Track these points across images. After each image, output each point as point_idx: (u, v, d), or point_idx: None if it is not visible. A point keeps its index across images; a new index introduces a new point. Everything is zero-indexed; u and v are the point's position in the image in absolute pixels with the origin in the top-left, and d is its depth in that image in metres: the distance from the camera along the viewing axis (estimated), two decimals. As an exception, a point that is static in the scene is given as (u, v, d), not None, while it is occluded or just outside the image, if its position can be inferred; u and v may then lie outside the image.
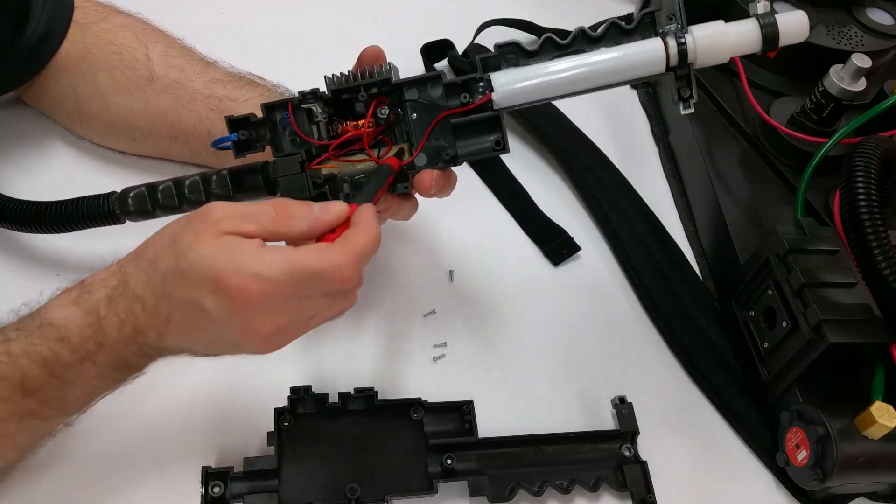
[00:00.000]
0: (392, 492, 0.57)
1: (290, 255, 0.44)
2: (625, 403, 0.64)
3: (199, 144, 0.65)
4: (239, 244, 0.44)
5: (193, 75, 0.66)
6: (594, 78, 0.52)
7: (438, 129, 0.54)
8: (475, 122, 0.53)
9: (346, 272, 0.45)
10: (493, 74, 0.53)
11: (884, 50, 0.81)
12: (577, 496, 0.61)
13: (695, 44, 0.51)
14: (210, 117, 0.64)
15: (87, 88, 0.66)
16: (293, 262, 0.44)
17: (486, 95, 0.52)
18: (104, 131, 0.70)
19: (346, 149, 0.55)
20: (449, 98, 0.54)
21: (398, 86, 0.53)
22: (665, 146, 0.87)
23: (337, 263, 0.44)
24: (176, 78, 0.66)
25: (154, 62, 0.66)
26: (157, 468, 0.57)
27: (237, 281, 0.43)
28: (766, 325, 0.65)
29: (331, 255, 0.45)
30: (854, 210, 0.60)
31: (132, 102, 0.66)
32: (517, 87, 0.52)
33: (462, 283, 0.72)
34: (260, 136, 0.55)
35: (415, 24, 0.93)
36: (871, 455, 0.57)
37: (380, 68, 0.53)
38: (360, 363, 0.65)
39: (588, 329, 0.71)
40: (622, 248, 0.76)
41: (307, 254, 0.44)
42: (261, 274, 0.43)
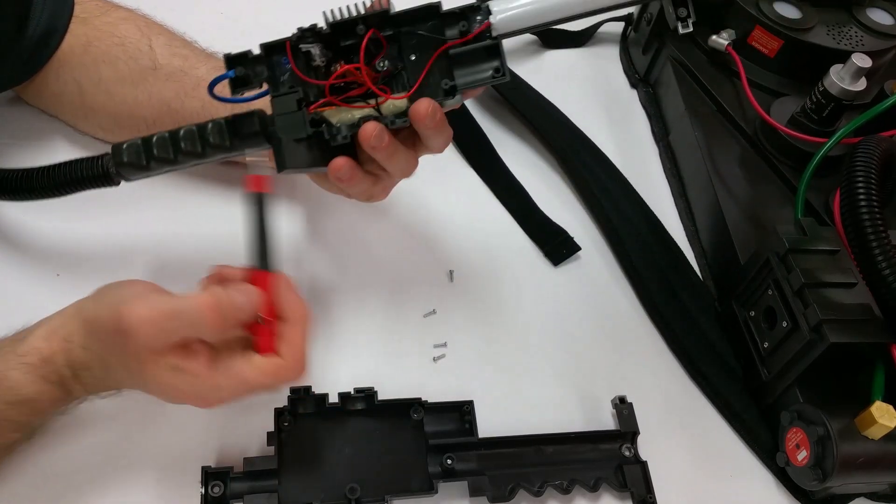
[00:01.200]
0: (392, 492, 0.57)
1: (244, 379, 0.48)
2: (625, 403, 0.64)
3: None
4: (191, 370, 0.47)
5: (197, 63, 0.66)
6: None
7: (437, 67, 0.52)
8: (474, 51, 0.52)
9: (296, 376, 0.49)
10: (491, 2, 0.51)
11: (884, 50, 0.81)
12: (577, 496, 0.61)
13: None
14: (214, 103, 0.63)
15: (91, 81, 0.66)
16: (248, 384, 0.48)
17: (485, 23, 0.51)
18: (109, 124, 0.70)
19: (345, 94, 0.53)
20: (447, 30, 0.52)
21: (395, 18, 0.52)
22: (665, 146, 0.87)
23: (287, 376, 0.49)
24: (179, 66, 0.66)
25: (157, 52, 0.66)
26: (157, 468, 0.57)
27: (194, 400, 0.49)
28: (767, 325, 0.65)
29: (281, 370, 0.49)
30: (854, 210, 0.60)
31: (136, 93, 0.66)
32: (515, 11, 0.51)
33: (462, 283, 0.72)
34: (257, 73, 0.53)
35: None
36: (871, 455, 0.57)
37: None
38: (360, 363, 0.65)
39: (588, 329, 0.71)
40: (622, 248, 0.76)
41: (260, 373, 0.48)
42: (217, 398, 0.49)
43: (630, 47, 0.96)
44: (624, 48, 0.97)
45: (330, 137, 0.52)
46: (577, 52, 0.97)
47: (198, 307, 0.46)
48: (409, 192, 0.73)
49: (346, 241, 0.72)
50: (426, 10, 0.52)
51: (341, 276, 0.69)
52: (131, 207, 0.68)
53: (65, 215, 0.66)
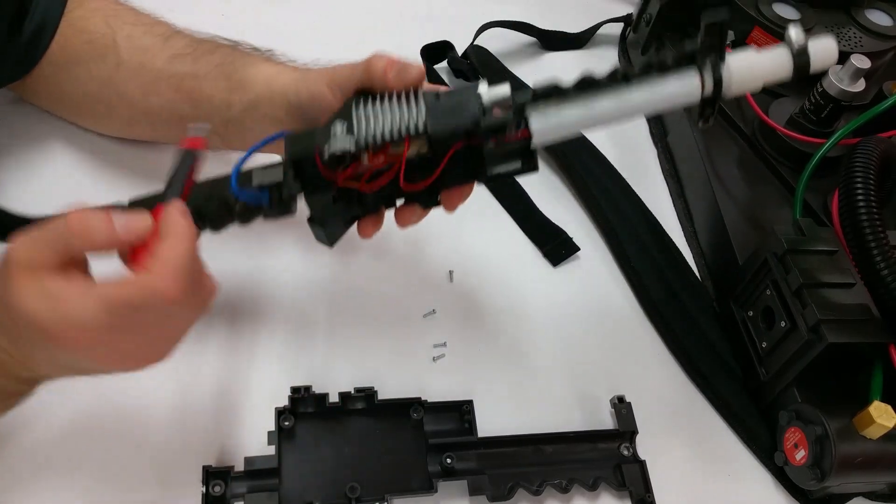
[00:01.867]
0: (392, 491, 0.57)
1: (103, 294, 0.42)
2: (623, 403, 0.64)
3: (178, 129, 0.61)
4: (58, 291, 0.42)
5: (156, 55, 0.63)
6: (630, 113, 0.51)
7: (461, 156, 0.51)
8: (508, 151, 0.52)
9: (168, 292, 0.43)
10: (532, 118, 0.50)
11: (882, 51, 0.81)
12: (577, 495, 0.61)
13: (730, 77, 0.49)
14: (176, 99, 0.61)
15: (70, 80, 0.65)
16: (111, 301, 0.42)
17: (524, 132, 0.50)
18: (95, 122, 0.70)
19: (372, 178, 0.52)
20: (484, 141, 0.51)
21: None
22: (663, 147, 0.87)
23: (155, 287, 0.43)
24: (140, 61, 0.63)
25: (121, 47, 0.63)
26: (157, 467, 0.57)
27: (63, 332, 0.42)
28: (765, 326, 0.66)
29: (147, 282, 0.43)
30: (852, 211, 0.60)
31: (108, 93, 0.65)
32: (554, 128, 0.50)
33: (462, 283, 0.72)
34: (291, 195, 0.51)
35: (414, 25, 0.93)
36: (869, 455, 0.57)
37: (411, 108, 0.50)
38: (360, 363, 0.65)
39: (587, 329, 0.71)
40: (621, 248, 0.76)
41: (121, 288, 0.42)
42: (84, 322, 0.42)
43: (629, 49, 0.97)
44: (623, 50, 0.98)
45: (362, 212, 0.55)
46: (576, 54, 0.97)
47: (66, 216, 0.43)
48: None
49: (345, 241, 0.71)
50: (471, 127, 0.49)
51: (341, 276, 0.69)
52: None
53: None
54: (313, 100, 0.55)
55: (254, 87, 0.59)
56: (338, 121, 0.50)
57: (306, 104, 0.56)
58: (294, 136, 0.51)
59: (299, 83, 0.57)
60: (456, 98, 0.50)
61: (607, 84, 0.49)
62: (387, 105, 0.50)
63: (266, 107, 0.58)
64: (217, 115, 0.61)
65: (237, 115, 0.60)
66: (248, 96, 0.59)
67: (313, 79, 0.56)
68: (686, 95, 0.50)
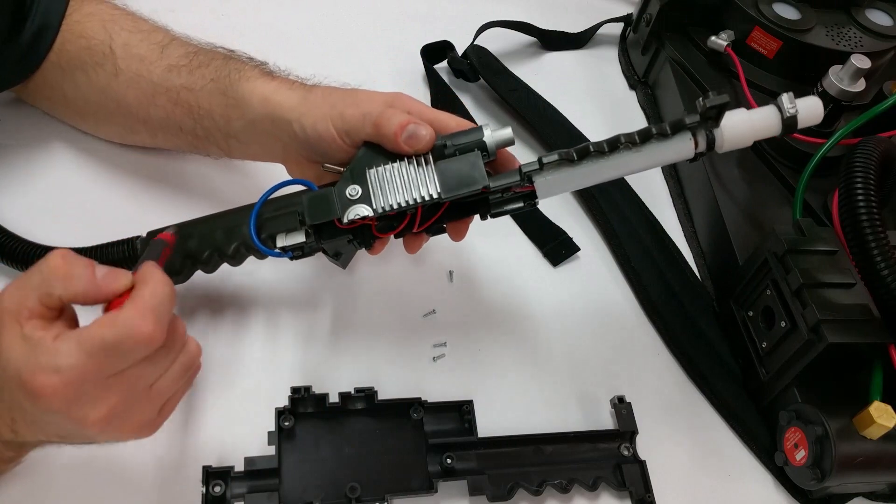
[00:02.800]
0: (392, 491, 0.57)
1: (80, 336, 0.41)
2: (623, 403, 0.64)
3: (179, 139, 0.64)
4: (37, 337, 0.41)
5: (152, 65, 0.63)
6: (627, 173, 0.56)
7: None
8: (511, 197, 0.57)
9: (144, 329, 0.42)
10: (536, 180, 0.54)
11: (883, 51, 0.81)
12: (577, 495, 0.61)
13: (722, 138, 0.54)
14: (176, 112, 0.62)
15: (70, 87, 0.65)
16: (85, 341, 0.41)
17: (529, 187, 0.55)
18: (97, 127, 0.70)
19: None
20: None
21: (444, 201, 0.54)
22: (664, 147, 0.87)
23: (129, 325, 0.42)
24: (137, 71, 0.63)
25: (117, 55, 0.63)
26: (158, 467, 0.57)
27: (40, 381, 0.41)
28: (765, 326, 0.66)
29: (121, 319, 0.42)
30: (853, 211, 0.60)
31: (107, 100, 0.64)
32: (557, 187, 0.55)
33: (462, 283, 0.72)
34: (313, 249, 0.56)
35: (414, 25, 0.93)
36: (869, 455, 0.57)
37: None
38: (359, 363, 0.65)
39: (587, 329, 0.71)
40: (621, 248, 0.76)
41: (97, 328, 0.42)
42: (58, 366, 0.41)
43: (629, 48, 0.97)
44: (623, 49, 0.98)
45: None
46: (576, 54, 0.97)
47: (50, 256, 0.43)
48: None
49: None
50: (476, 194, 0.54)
51: (341, 276, 0.69)
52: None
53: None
54: (319, 138, 0.56)
55: (250, 106, 0.59)
56: (352, 184, 0.54)
57: (312, 139, 0.57)
58: (313, 199, 0.54)
59: (302, 116, 0.57)
60: (465, 159, 0.54)
61: (609, 152, 0.54)
62: (401, 169, 0.54)
63: (266, 125, 0.59)
64: (217, 130, 0.61)
65: (238, 131, 0.61)
66: (246, 116, 0.59)
67: (318, 116, 0.56)
68: (680, 156, 0.55)
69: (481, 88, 0.89)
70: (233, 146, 0.62)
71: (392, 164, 0.54)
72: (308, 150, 0.57)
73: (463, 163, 0.54)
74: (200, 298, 0.66)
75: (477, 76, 0.87)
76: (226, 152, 0.63)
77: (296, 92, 0.59)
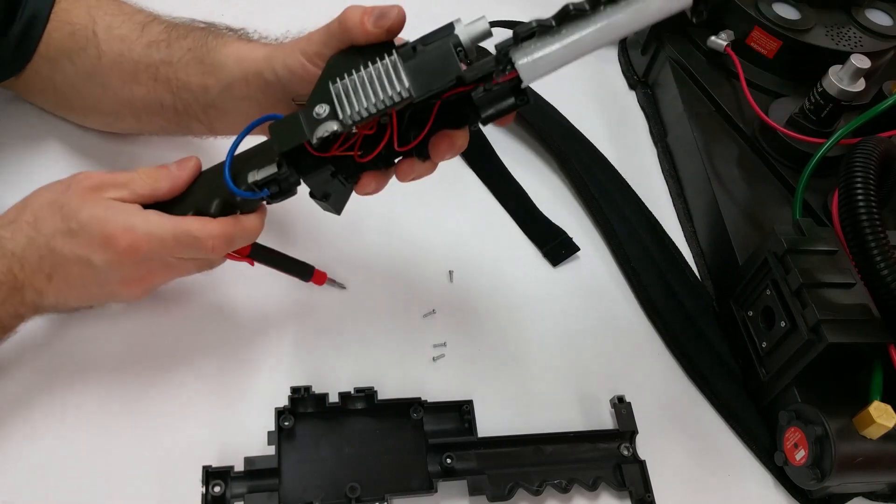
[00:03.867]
0: (392, 491, 0.57)
1: (175, 221, 0.51)
2: (623, 403, 0.64)
3: (161, 118, 0.64)
4: (124, 206, 0.51)
5: (133, 44, 0.62)
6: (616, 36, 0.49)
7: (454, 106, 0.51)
8: (498, 93, 0.51)
9: (217, 244, 0.52)
10: (517, 59, 0.48)
11: (882, 51, 0.82)
12: (576, 495, 0.61)
13: None
14: (157, 88, 0.61)
15: (59, 76, 0.65)
16: (179, 226, 0.51)
17: (512, 73, 0.48)
18: (84, 117, 0.70)
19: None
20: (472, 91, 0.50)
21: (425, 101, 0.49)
22: (663, 147, 0.87)
23: (213, 235, 0.52)
24: (119, 51, 0.62)
25: (100, 38, 0.62)
26: (157, 467, 0.57)
27: (129, 238, 0.50)
28: (765, 326, 0.66)
29: (211, 228, 0.52)
30: (852, 211, 0.60)
31: (93, 86, 0.64)
32: (541, 65, 0.49)
33: (462, 283, 0.72)
34: (290, 184, 0.53)
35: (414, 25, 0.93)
36: (869, 455, 0.57)
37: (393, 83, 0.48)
38: (359, 363, 0.65)
39: (587, 329, 0.71)
40: (621, 248, 0.76)
41: (191, 222, 0.52)
42: (151, 233, 0.51)
43: (629, 48, 0.97)
44: (622, 49, 0.97)
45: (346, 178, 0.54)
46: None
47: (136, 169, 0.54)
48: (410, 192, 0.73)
49: (345, 242, 0.72)
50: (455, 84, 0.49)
51: (341, 276, 0.69)
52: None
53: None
54: (291, 74, 0.54)
55: (226, 68, 0.58)
56: (319, 103, 0.49)
57: (284, 80, 0.55)
58: (278, 125, 0.50)
59: (273, 60, 0.56)
60: (434, 51, 0.49)
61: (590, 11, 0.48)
62: (363, 75, 0.49)
63: (242, 88, 0.58)
64: (196, 101, 0.61)
65: (215, 99, 0.60)
66: (222, 79, 0.59)
67: (287, 51, 0.55)
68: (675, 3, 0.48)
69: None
70: (212, 117, 0.61)
71: (356, 74, 0.49)
72: (283, 94, 0.56)
73: (433, 56, 0.48)
74: (200, 297, 0.66)
75: (477, 76, 0.87)
76: (207, 126, 0.63)
77: (269, 47, 0.59)
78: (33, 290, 0.53)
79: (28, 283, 0.52)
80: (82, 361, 0.60)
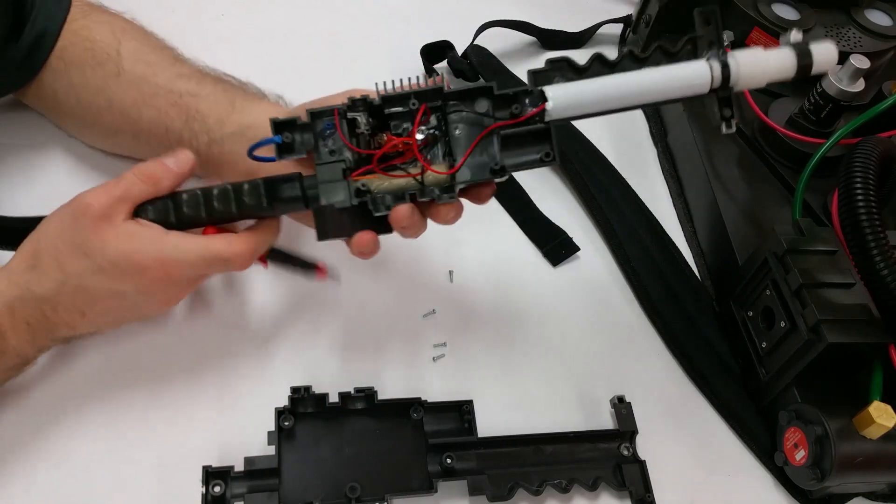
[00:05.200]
0: (392, 491, 0.57)
1: (203, 244, 0.52)
2: (623, 403, 0.64)
3: (157, 142, 0.63)
4: (148, 233, 0.51)
5: (160, 71, 0.64)
6: (643, 95, 0.51)
7: (483, 142, 0.52)
8: (524, 134, 0.51)
9: (245, 260, 0.53)
10: (546, 87, 0.51)
11: (882, 51, 0.82)
12: (576, 495, 0.61)
13: (738, 68, 0.51)
14: (170, 113, 0.62)
15: (63, 86, 0.65)
16: (207, 250, 0.52)
17: (540, 106, 0.50)
18: (79, 129, 0.70)
19: (388, 163, 0.52)
20: (496, 111, 0.51)
21: (447, 96, 0.51)
22: (663, 147, 0.87)
23: (240, 253, 0.53)
24: (142, 74, 0.63)
25: (123, 57, 0.64)
26: (157, 467, 0.57)
27: (161, 268, 0.51)
28: (765, 326, 0.66)
29: (237, 247, 0.53)
30: (852, 211, 0.60)
31: (99, 99, 0.64)
32: (569, 99, 0.51)
33: (462, 283, 0.72)
34: (304, 141, 0.52)
35: (414, 24, 0.93)
36: (869, 455, 0.57)
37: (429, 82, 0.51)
38: (360, 363, 0.65)
39: (587, 329, 0.71)
40: (621, 248, 0.76)
41: (217, 242, 0.52)
42: (181, 259, 0.52)
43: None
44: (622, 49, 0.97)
45: (373, 208, 0.52)
46: (575, 54, 0.96)
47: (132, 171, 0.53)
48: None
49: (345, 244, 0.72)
50: (480, 90, 0.51)
51: (341, 275, 0.69)
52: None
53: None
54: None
55: (251, 114, 0.60)
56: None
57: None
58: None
59: None
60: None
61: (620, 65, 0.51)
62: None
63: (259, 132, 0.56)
64: (205, 133, 0.61)
65: (225, 137, 0.60)
66: (244, 120, 0.60)
67: None
68: (695, 79, 0.51)
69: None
70: (214, 153, 0.61)
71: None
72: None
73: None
74: (200, 297, 0.66)
75: (477, 76, 0.87)
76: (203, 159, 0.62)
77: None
78: (66, 326, 0.54)
79: (61, 322, 0.53)
80: (82, 361, 0.60)
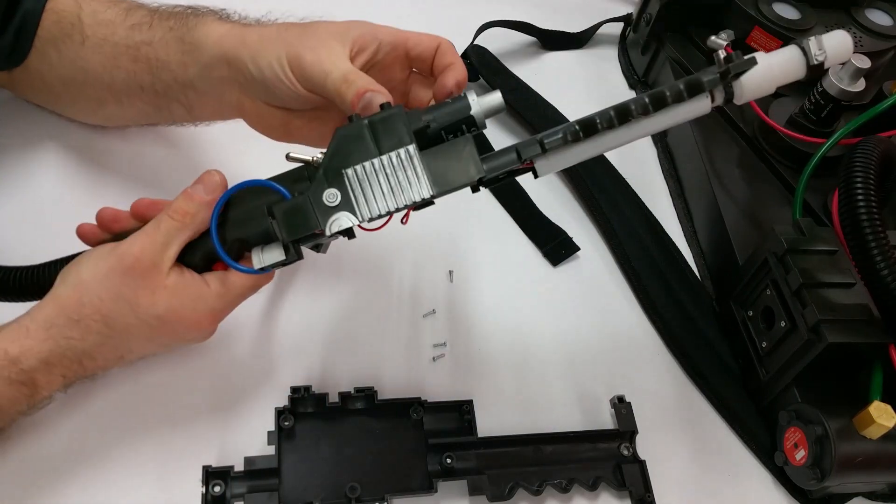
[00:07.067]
0: (392, 491, 0.57)
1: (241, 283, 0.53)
2: (623, 403, 0.64)
3: (142, 101, 0.63)
4: (194, 287, 0.52)
5: (117, 27, 0.62)
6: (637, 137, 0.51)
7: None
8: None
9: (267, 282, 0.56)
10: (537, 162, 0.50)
11: (882, 50, 0.82)
12: (576, 495, 0.61)
13: (742, 90, 0.50)
14: (136, 70, 0.61)
15: (46, 67, 0.64)
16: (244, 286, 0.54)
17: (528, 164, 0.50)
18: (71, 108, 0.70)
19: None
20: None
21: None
22: (663, 147, 0.87)
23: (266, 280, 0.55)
24: (102, 35, 0.62)
25: (84, 23, 0.62)
26: (157, 467, 0.57)
27: (213, 318, 0.54)
28: (765, 326, 0.66)
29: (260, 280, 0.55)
30: (852, 211, 0.60)
31: (76, 74, 0.64)
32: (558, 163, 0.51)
33: (462, 283, 0.72)
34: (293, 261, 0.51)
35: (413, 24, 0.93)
36: (869, 455, 0.57)
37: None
38: (359, 363, 0.65)
39: (587, 329, 0.71)
40: (621, 248, 0.76)
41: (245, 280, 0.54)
42: (227, 304, 0.54)
43: (629, 48, 0.97)
44: (623, 49, 0.97)
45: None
46: (576, 54, 0.97)
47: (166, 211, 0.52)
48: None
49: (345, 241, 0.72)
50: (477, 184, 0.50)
51: (341, 275, 0.69)
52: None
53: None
54: (278, 81, 0.54)
55: (204, 47, 0.58)
56: (329, 188, 0.48)
57: (269, 82, 0.55)
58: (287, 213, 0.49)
59: (257, 54, 0.55)
60: (455, 152, 0.49)
61: (619, 124, 0.50)
62: (378, 165, 0.48)
63: (221, 70, 0.57)
64: (175, 81, 0.60)
65: (193, 78, 0.60)
66: (201, 59, 0.58)
67: (274, 55, 0.54)
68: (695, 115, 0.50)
69: (481, 88, 0.89)
70: (191, 98, 0.61)
71: (371, 162, 0.48)
72: (265, 93, 0.56)
73: (452, 153, 0.48)
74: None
75: (477, 76, 0.87)
76: (187, 108, 0.62)
77: (250, 29, 0.58)
78: (103, 370, 0.54)
79: (99, 368, 0.53)
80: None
